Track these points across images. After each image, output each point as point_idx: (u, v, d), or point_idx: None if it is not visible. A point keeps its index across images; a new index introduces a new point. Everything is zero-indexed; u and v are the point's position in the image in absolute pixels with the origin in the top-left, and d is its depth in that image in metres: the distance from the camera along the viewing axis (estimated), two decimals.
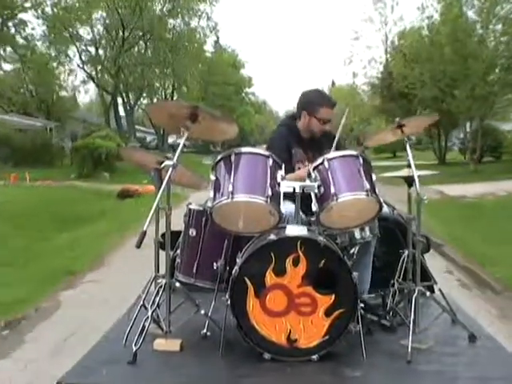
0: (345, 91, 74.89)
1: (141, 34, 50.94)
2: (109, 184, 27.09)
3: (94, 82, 53.08)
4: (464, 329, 4.34)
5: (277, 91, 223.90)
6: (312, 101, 5.16)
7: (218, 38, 75.52)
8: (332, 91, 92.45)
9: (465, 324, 4.40)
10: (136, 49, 53.10)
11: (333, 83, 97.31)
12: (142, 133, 73.94)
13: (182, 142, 4.14)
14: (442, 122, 36.73)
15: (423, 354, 4.03)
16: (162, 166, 4.11)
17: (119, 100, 56.07)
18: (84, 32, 50.60)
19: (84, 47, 51.76)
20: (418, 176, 4.26)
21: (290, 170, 4.64)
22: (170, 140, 67.16)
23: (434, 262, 6.57)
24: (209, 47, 70.55)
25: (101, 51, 52.47)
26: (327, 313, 3.89)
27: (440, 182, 23.04)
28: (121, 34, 50.00)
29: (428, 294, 4.45)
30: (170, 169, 3.95)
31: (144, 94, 59.52)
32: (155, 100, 61.01)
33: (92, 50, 52.12)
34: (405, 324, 4.32)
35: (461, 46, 31.50)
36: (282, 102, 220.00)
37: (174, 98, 62.95)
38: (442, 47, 32.62)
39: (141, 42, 53.23)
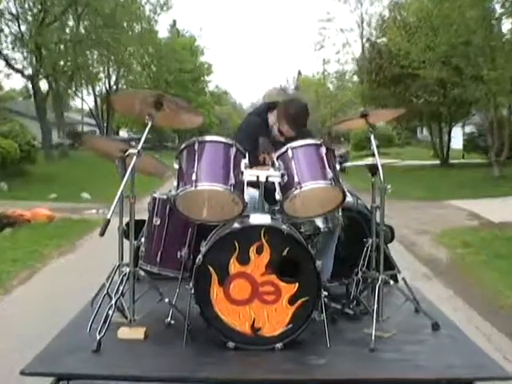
0: (313, 81, 72.85)
1: (67, 4, 38.66)
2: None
3: (7, 63, 40.02)
4: (427, 317, 4.35)
5: (241, 82, 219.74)
6: (287, 112, 5.01)
7: (174, 21, 71.10)
8: (298, 82, 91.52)
9: (428, 313, 4.42)
10: (60, 23, 40.54)
11: (299, 73, 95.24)
12: (89, 126, 68.14)
13: (146, 129, 4.10)
14: (447, 112, 33.07)
15: (386, 343, 4.04)
16: (126, 154, 4.06)
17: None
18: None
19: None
20: (382, 165, 4.26)
21: (254, 159, 4.63)
22: (122, 133, 65.37)
23: None
24: (164, 32, 66.46)
25: (23, 27, 40.21)
26: (291, 301, 3.87)
27: (461, 195, 19.94)
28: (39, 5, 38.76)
29: (392, 282, 4.46)
30: (134, 157, 3.90)
31: (83, 81, 50.64)
32: (92, 88, 57.73)
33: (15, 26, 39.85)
34: (368, 313, 4.33)
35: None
36: (246, 93, 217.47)
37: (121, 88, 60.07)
38: (463, 11, 23.59)
39: (69, 16, 41.37)
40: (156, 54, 56.08)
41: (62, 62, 41.72)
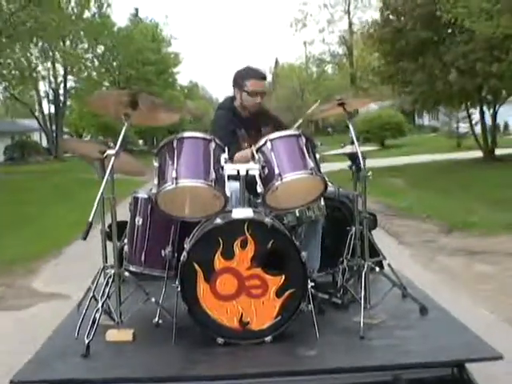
0: (294, 67, 69.97)
1: None
2: None
3: None
4: (415, 302, 4.35)
5: (216, 76, 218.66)
6: (240, 76, 5.09)
7: (136, 10, 66.10)
8: (275, 70, 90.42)
9: (415, 297, 4.41)
10: None
11: (276, 61, 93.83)
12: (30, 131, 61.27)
13: (123, 129, 4.07)
14: (496, 87, 23.35)
15: (376, 329, 4.03)
16: (105, 155, 4.01)
17: None
18: None
19: None
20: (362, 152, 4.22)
21: (237, 151, 4.63)
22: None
23: None
24: (124, 22, 60.09)
25: None
26: (278, 294, 3.85)
27: None
28: None
29: (377, 269, 4.45)
30: (113, 158, 3.86)
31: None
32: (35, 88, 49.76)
33: None
34: (356, 301, 4.31)
35: None
36: (222, 87, 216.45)
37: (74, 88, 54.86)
38: None
39: None
40: (107, 42, 51.53)
41: None
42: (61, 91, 54.41)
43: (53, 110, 55.96)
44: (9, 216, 16.61)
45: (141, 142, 68.94)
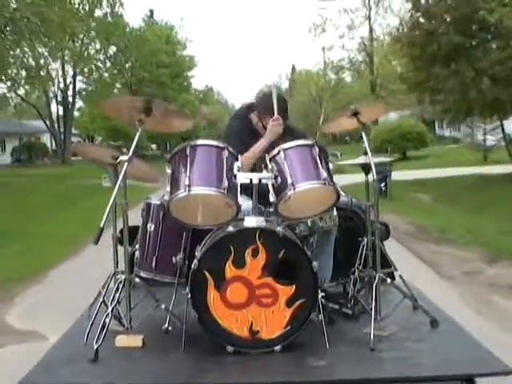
0: (312, 73, 68.32)
1: None
2: None
3: None
4: (426, 314, 4.35)
5: (232, 82, 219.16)
6: (264, 107, 5.00)
7: (151, 11, 65.27)
8: (292, 76, 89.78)
9: (426, 309, 4.41)
10: None
11: (293, 68, 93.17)
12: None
13: (137, 135, 4.11)
14: None
15: (386, 341, 4.03)
16: (118, 161, 4.05)
17: None
18: None
19: None
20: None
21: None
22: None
23: None
24: (138, 22, 58.94)
25: None
26: (288, 303, 3.86)
27: None
28: None
29: (389, 280, 4.44)
30: (126, 164, 3.90)
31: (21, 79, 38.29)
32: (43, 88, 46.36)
33: None
34: (366, 312, 4.31)
35: None
36: (238, 93, 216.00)
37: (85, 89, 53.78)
38: None
39: None
40: (119, 43, 49.91)
41: None
42: (69, 92, 53.31)
43: (61, 111, 54.83)
44: (1, 225, 15.92)
45: (154, 146, 68.30)
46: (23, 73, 38.32)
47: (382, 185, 18.79)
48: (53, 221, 17.84)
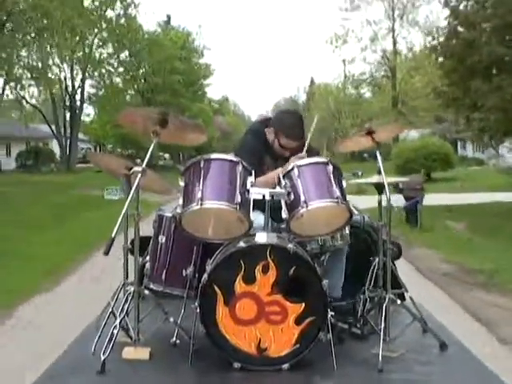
0: (331, 87, 67.22)
1: None
2: None
3: None
4: (435, 337, 4.37)
5: (249, 93, 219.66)
6: (282, 125, 5.05)
7: (168, 17, 64.28)
8: (311, 89, 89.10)
9: (436, 332, 4.42)
10: None
11: (312, 81, 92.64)
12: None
13: (151, 147, 4.16)
14: None
15: (394, 363, 4.04)
16: (131, 171, 4.11)
17: None
18: None
19: None
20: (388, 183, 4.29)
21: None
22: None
23: None
24: (154, 27, 57.56)
25: None
26: (297, 321, 3.88)
27: None
28: None
29: (399, 301, 4.46)
30: (139, 175, 3.95)
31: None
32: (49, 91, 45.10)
33: None
34: (376, 332, 4.33)
35: None
36: (254, 105, 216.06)
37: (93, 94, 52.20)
38: None
39: None
40: (133, 47, 47.93)
41: None
42: (78, 97, 51.69)
43: (68, 116, 52.63)
44: None
45: (167, 156, 68.22)
46: (27, 73, 37.44)
47: (416, 208, 17.39)
48: (43, 238, 16.28)
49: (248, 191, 4.01)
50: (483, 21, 20.99)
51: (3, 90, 37.46)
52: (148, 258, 4.58)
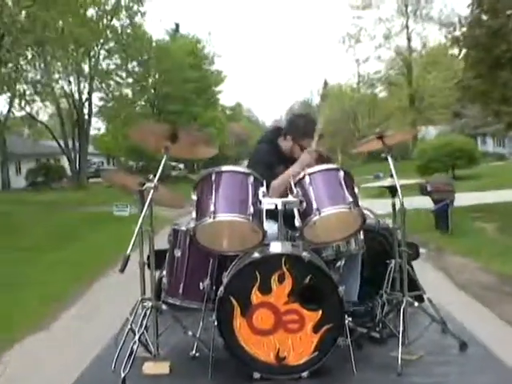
0: (343, 88, 66.27)
1: None
2: None
3: None
4: (454, 337, 4.40)
5: (263, 99, 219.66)
6: (299, 129, 5.17)
7: (177, 25, 63.46)
8: (325, 91, 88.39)
9: (455, 332, 4.45)
10: None
11: (325, 83, 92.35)
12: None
13: (162, 162, 4.23)
14: None
15: (414, 366, 4.07)
16: (144, 187, 4.19)
17: None
18: None
19: None
20: (401, 186, 4.33)
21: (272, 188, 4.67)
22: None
23: None
24: (162, 36, 56.93)
25: None
26: (315, 329, 3.92)
27: None
28: None
29: (416, 304, 4.46)
30: (152, 190, 4.01)
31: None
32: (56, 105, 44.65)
33: None
34: (395, 335, 4.36)
35: None
36: (268, 110, 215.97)
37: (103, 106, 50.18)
38: None
39: None
40: (140, 57, 46.87)
41: None
42: (85, 110, 49.52)
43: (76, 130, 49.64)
44: None
45: (181, 166, 68.01)
46: (31, 88, 35.11)
47: (446, 212, 15.49)
48: (41, 263, 14.25)
49: (260, 202, 4.06)
50: (508, 7, 19.51)
51: (10, 107, 37.29)
52: (164, 272, 4.65)
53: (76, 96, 47.75)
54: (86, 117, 49.60)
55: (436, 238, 15.13)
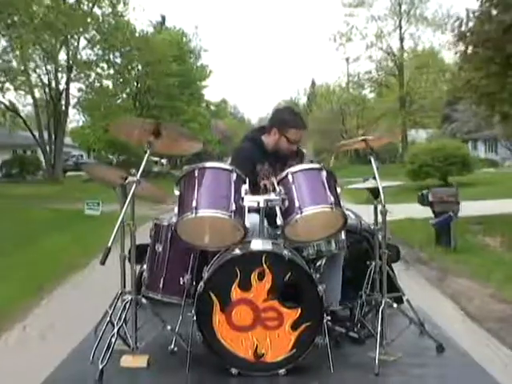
0: (332, 88, 66.24)
1: None
2: None
3: None
4: (432, 340, 4.47)
5: (249, 96, 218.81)
6: (284, 120, 5.21)
7: (163, 17, 62.11)
8: (312, 90, 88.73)
9: (432, 335, 4.53)
10: None
11: (313, 82, 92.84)
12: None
13: (145, 157, 4.22)
14: None
15: (391, 366, 4.14)
16: (126, 181, 4.24)
17: None
18: None
19: None
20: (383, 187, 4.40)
21: (253, 186, 4.68)
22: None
23: None
24: (144, 25, 55.05)
25: None
26: (294, 326, 3.97)
27: None
28: None
29: (395, 305, 4.54)
30: (134, 185, 4.04)
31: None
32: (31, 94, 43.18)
33: None
34: (373, 336, 4.42)
35: None
36: (254, 108, 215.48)
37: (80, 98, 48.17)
38: None
39: None
40: (121, 48, 45.05)
41: None
42: (63, 101, 47.07)
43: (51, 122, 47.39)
44: None
45: (164, 161, 67.34)
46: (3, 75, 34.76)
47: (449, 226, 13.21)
48: None
49: (242, 199, 4.12)
50: None
51: None
52: (145, 266, 4.69)
53: (53, 85, 45.95)
54: (63, 108, 47.43)
55: (439, 255, 13.05)
